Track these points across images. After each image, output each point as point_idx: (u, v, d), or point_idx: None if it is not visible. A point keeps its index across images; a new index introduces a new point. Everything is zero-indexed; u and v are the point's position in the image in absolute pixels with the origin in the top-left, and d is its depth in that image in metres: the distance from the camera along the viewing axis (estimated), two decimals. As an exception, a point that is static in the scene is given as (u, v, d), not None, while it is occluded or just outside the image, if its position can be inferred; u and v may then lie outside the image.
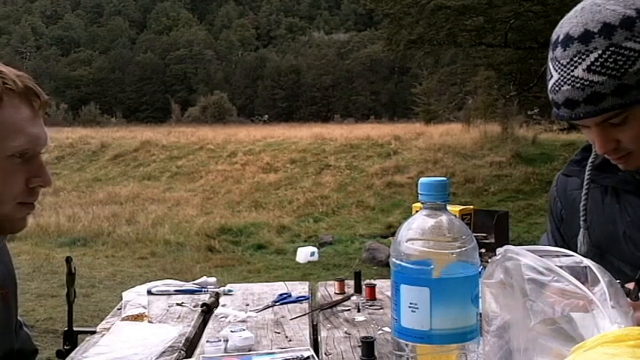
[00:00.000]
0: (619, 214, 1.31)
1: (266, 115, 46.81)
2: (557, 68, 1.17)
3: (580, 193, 1.36)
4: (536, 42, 13.22)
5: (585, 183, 1.34)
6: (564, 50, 1.15)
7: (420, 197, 1.00)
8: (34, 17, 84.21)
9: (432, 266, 0.95)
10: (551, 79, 1.19)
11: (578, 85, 1.13)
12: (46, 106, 1.18)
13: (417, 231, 0.98)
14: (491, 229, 6.10)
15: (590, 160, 1.35)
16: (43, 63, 65.02)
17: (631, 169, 1.26)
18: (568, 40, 1.15)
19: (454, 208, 1.23)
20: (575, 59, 1.13)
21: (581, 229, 1.34)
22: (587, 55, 1.12)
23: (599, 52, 1.11)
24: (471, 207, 1.33)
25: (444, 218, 0.98)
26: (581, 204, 1.34)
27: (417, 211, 1.04)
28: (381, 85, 58.70)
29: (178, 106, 46.44)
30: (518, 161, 13.54)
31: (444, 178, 1.00)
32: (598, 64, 1.11)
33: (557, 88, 1.17)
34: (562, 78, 1.16)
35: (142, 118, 49.08)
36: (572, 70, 1.14)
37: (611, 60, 1.10)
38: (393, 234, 2.55)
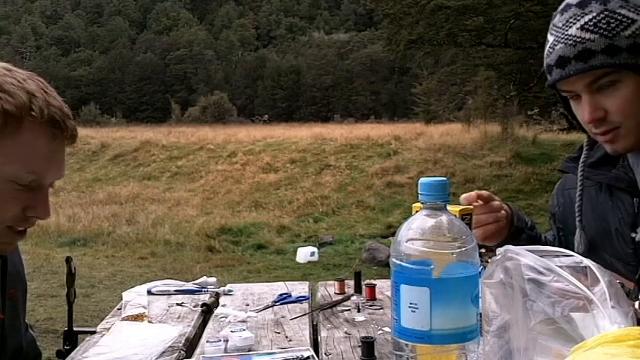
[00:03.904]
0: (612, 211, 1.33)
1: (266, 115, 46.87)
2: (553, 32, 1.23)
3: (576, 192, 1.38)
4: (536, 42, 13.22)
5: (579, 183, 1.36)
6: (561, 15, 1.21)
7: (420, 197, 1.00)
8: (34, 17, 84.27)
9: (432, 266, 0.95)
10: (547, 44, 1.24)
11: (571, 42, 1.18)
12: (72, 140, 1.14)
13: (417, 231, 0.98)
14: (491, 229, 6.09)
15: (582, 158, 1.37)
16: (43, 63, 65.00)
17: (620, 151, 1.26)
18: (566, 6, 1.22)
19: (454, 208, 1.23)
20: (570, 20, 1.19)
21: (577, 230, 1.36)
22: (582, 17, 1.17)
23: (594, 14, 1.16)
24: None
25: (444, 218, 0.98)
26: (576, 205, 1.36)
27: (417, 211, 1.04)
28: (381, 85, 58.72)
29: (178, 106, 46.49)
30: (518, 161, 13.54)
31: (444, 178, 1.00)
32: (591, 23, 1.16)
33: (551, 50, 1.22)
34: (556, 38, 1.21)
35: (142, 118, 49.11)
36: (567, 30, 1.19)
37: (605, 22, 1.15)
38: (393, 234, 2.55)
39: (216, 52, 73.86)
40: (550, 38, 1.23)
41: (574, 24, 1.18)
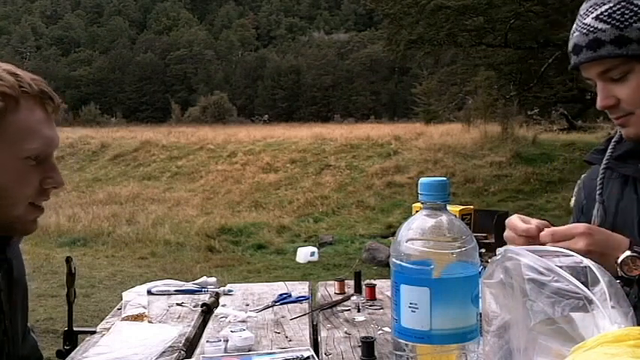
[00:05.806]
0: (636, 204, 1.32)
1: (266, 115, 46.83)
2: (577, 19, 1.28)
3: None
4: (536, 42, 13.23)
5: (602, 170, 1.37)
6: (586, 3, 1.26)
7: (420, 197, 1.00)
8: (34, 17, 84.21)
9: (432, 266, 0.95)
10: (571, 32, 1.30)
11: (585, 31, 1.23)
12: (58, 110, 1.22)
13: (417, 231, 0.98)
14: (491, 229, 6.08)
15: (609, 150, 1.38)
16: (43, 63, 64.96)
17: (632, 137, 1.28)
18: None
19: (454, 208, 1.23)
20: (589, 9, 1.24)
21: (597, 203, 1.36)
22: (601, 6, 1.21)
23: (612, 4, 1.20)
24: (471, 207, 1.33)
25: (444, 218, 0.98)
26: (598, 178, 1.37)
27: (417, 211, 1.04)
28: (381, 85, 58.66)
29: (178, 106, 46.44)
30: (518, 161, 13.53)
31: (444, 178, 1.00)
32: (606, 14, 1.20)
33: (571, 37, 1.28)
34: (576, 26, 1.26)
35: (142, 118, 49.03)
36: (584, 19, 1.24)
37: (619, 12, 1.19)
38: (393, 234, 2.55)
39: (216, 52, 73.81)
40: (573, 26, 1.28)
41: (591, 13, 1.22)
